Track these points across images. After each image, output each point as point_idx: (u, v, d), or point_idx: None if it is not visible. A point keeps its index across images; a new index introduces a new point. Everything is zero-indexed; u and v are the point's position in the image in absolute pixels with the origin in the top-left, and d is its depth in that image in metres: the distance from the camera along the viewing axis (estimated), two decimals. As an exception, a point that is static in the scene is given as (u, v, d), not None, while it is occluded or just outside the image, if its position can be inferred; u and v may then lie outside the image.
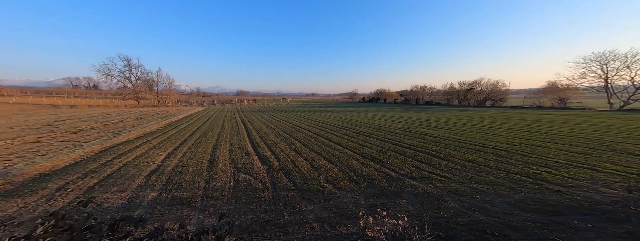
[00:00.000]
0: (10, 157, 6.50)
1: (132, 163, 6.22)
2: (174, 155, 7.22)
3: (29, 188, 4.47)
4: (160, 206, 3.72)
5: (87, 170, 5.60)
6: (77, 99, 52.73)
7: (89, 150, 7.66)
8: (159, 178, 5.03)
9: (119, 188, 4.46)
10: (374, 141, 9.08)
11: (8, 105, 27.81)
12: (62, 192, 4.29)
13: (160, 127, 14.17)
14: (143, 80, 46.14)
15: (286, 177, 5.12)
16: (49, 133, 10.62)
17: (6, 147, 7.85)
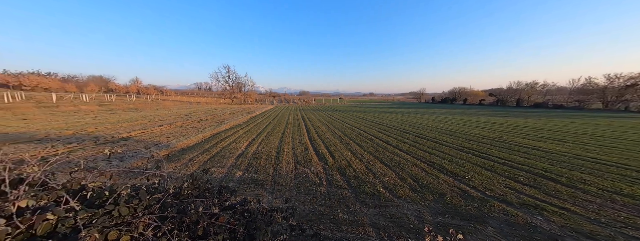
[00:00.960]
0: (169, 136, 9.62)
1: (227, 148, 8.03)
2: (252, 144, 8.81)
3: (176, 157, 6.57)
4: (243, 183, 4.73)
5: (203, 149, 7.65)
6: (200, 98, 70.60)
7: (205, 134, 10.35)
8: (243, 161, 6.34)
9: (219, 165, 5.94)
10: (446, 149, 7.53)
11: (169, 102, 40.22)
12: (191, 162, 6.10)
13: (244, 120, 17.34)
14: (235, 83, 58.07)
15: (340, 175, 5.14)
16: (186, 121, 14.93)
17: (167, 129, 11.60)
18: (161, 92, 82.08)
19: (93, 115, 16.37)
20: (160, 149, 7.22)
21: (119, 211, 1.21)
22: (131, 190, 1.48)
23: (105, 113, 17.61)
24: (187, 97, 67.41)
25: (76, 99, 28.48)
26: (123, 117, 15.51)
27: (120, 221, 1.17)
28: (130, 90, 70.69)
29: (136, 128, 10.97)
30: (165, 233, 1.18)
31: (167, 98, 51.21)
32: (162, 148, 7.34)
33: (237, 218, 1.46)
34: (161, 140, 8.57)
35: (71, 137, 8.35)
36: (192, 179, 1.79)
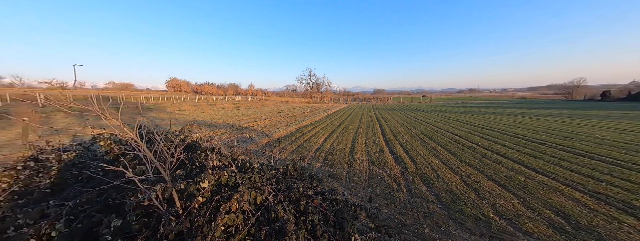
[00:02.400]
0: (269, 127, 12.40)
1: (308, 141, 9.19)
2: (328, 140, 9.53)
3: (272, 145, 8.38)
4: (322, 174, 5.25)
5: (291, 140, 9.22)
6: (288, 98, 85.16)
7: (292, 128, 12.41)
8: (321, 155, 7.03)
9: (302, 155, 6.93)
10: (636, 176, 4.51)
11: (269, 101, 51.72)
12: (283, 150, 7.55)
13: (321, 118, 19.05)
14: (315, 84, 65.52)
15: (425, 185, 4.49)
16: (279, 116, 18.61)
17: (268, 122, 15.00)
18: (264, 93, 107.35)
19: (230, 110, 24.24)
20: (265, 137, 9.49)
21: (254, 178, 1.71)
22: (259, 165, 2.05)
23: (236, 110, 25.48)
24: (279, 97, 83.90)
25: (222, 100, 43.37)
26: (244, 112, 21.79)
27: (255, 186, 1.67)
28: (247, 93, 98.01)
29: (251, 121, 15.05)
30: (280, 202, 1.54)
31: (267, 99, 66.24)
32: (266, 137, 9.60)
33: (327, 204, 1.64)
34: (265, 130, 11.23)
35: (221, 125, 12.83)
36: (293, 164, 2.20)
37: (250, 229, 1.35)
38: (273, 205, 1.50)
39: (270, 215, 1.44)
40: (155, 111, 20.31)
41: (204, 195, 1.52)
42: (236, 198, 1.40)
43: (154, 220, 1.44)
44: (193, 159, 2.15)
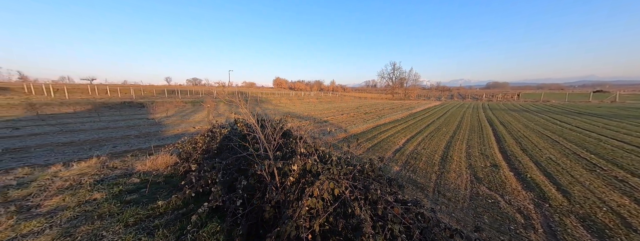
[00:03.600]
0: (346, 123, 12.79)
1: (386, 140, 8.49)
2: (411, 141, 8.30)
3: (348, 140, 8.55)
4: (401, 179, 4.70)
5: (367, 137, 8.95)
6: (366, 94, 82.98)
7: (369, 125, 12.01)
8: (400, 157, 6.27)
9: (380, 155, 6.52)
10: None
11: (347, 97, 53.27)
12: (359, 146, 7.51)
13: (402, 116, 16.90)
14: (398, 79, 58.43)
15: (588, 231, 2.84)
16: (356, 112, 18.65)
17: (345, 118, 15.50)
18: (343, 89, 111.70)
19: (314, 105, 27.55)
20: (342, 132, 9.91)
21: (333, 170, 1.81)
22: (337, 158, 2.14)
23: (318, 104, 28.55)
24: (357, 93, 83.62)
25: (308, 95, 50.10)
26: (325, 107, 23.91)
27: (333, 177, 1.76)
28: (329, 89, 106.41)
29: (330, 115, 16.26)
30: (356, 199, 1.53)
31: (346, 94, 68.29)
32: (343, 132, 10.00)
33: (410, 217, 1.42)
34: (342, 125, 11.72)
35: (306, 117, 14.92)
36: (370, 163, 2.10)
37: (328, 217, 1.45)
38: (349, 200, 1.51)
39: (346, 209, 1.47)
40: (266, 103, 27.19)
41: (294, 176, 1.82)
42: (317, 185, 1.55)
43: (263, 186, 1.94)
44: (287, 144, 2.64)
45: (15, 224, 1.87)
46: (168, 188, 2.78)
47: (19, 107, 12.74)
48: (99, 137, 7.62)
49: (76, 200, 2.34)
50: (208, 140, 3.57)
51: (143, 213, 2.09)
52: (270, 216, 1.79)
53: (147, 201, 2.35)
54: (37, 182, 2.78)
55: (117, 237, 1.74)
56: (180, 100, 21.71)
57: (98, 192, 2.53)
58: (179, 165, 3.36)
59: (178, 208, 2.23)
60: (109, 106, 16.47)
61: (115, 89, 27.15)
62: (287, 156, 2.24)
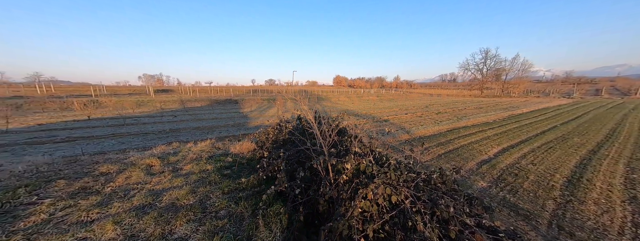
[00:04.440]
0: (411, 123, 11.26)
1: (466, 147, 6.76)
2: (509, 152, 6.19)
3: (412, 143, 7.47)
4: (490, 199, 3.62)
5: (438, 141, 7.49)
6: (440, 90, 69.39)
7: (442, 127, 9.99)
8: (490, 171, 4.82)
9: (454, 164, 5.29)
10: None
11: (414, 94, 46.81)
12: (426, 151, 6.42)
13: (497, 118, 12.83)
14: (493, 70, 43.97)
15: None
16: (425, 112, 16.00)
17: (410, 117, 13.67)
18: (410, 85, 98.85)
19: (373, 102, 26.14)
20: (405, 133, 8.83)
21: (390, 174, 1.64)
22: (396, 162, 1.92)
23: (378, 102, 26.80)
24: (428, 90, 71.37)
25: (368, 93, 47.99)
26: (386, 105, 22.11)
27: (390, 183, 1.59)
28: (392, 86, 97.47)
29: (391, 114, 14.86)
30: (419, 212, 1.31)
31: (412, 91, 60.06)
32: (406, 133, 8.90)
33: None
34: (405, 126, 10.43)
35: (364, 115, 14.40)
36: (440, 172, 1.74)
37: (384, 224, 1.34)
38: (410, 211, 1.32)
39: (405, 221, 1.30)
40: (325, 101, 28.57)
41: (347, 174, 1.80)
42: (371, 187, 1.46)
43: (318, 180, 2.05)
44: (342, 142, 2.65)
45: (171, 178, 2.99)
46: (249, 169, 3.51)
47: (176, 102, 20.06)
48: (211, 125, 10.73)
49: (198, 168, 3.43)
50: (276, 132, 4.20)
51: (232, 185, 2.76)
52: (324, 210, 1.87)
53: (235, 177, 3.09)
54: (181, 153, 4.30)
55: (217, 200, 2.40)
56: (260, 98, 26.77)
57: (209, 165, 3.58)
58: (256, 151, 4.17)
59: (254, 186, 2.77)
60: (218, 102, 22.73)
61: (222, 89, 37.36)
62: (342, 154, 2.25)
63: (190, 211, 2.13)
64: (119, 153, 4.59)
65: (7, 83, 29.56)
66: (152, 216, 2.01)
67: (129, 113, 13.59)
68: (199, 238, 1.72)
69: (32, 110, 12.98)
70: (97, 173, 3.03)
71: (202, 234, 1.77)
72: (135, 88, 34.81)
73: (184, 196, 2.44)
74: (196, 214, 2.10)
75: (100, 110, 14.47)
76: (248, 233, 1.78)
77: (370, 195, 1.43)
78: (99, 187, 2.63)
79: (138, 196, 2.42)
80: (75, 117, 11.59)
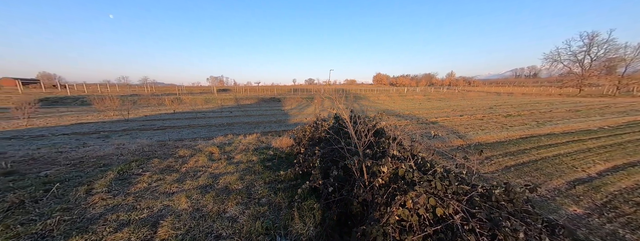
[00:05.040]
0: (467, 127, 9.56)
1: (551, 161, 5.24)
2: (625, 171, 4.45)
3: (467, 150, 6.31)
4: (587, 230, 2.70)
5: (507, 151, 6.08)
6: (514, 88, 55.94)
7: (512, 134, 8.06)
8: (591, 193, 3.59)
9: (532, 179, 4.19)
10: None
11: (473, 93, 39.57)
12: (488, 161, 5.33)
13: (606, 125, 9.37)
14: (603, 61, 31.93)
15: None
16: (488, 114, 13.26)
17: (466, 120, 11.63)
18: (469, 82, 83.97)
19: (418, 102, 23.52)
20: (458, 138, 7.59)
21: (435, 184, 1.45)
22: (443, 170, 1.68)
23: (425, 102, 23.96)
24: (495, 87, 58.70)
25: (413, 91, 43.49)
26: (434, 105, 19.54)
27: (435, 193, 1.41)
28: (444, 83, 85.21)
29: (441, 115, 13.02)
30: (473, 231, 1.11)
31: (472, 89, 50.81)
32: (459, 138, 7.63)
33: None
34: (459, 129, 8.94)
35: (407, 116, 13.15)
36: (506, 188, 1.42)
37: (426, 238, 1.20)
38: (460, 228, 1.13)
39: (454, 239, 1.12)
40: (363, 100, 27.62)
41: (383, 178, 1.70)
42: (411, 195, 1.32)
43: (352, 181, 2.02)
44: (379, 143, 2.51)
45: (226, 165, 3.54)
46: (287, 163, 3.79)
47: (232, 100, 23.50)
48: (258, 120, 12.06)
49: (246, 158, 3.93)
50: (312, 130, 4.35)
51: (272, 177, 3.04)
52: (358, 212, 1.83)
53: (275, 169, 3.39)
54: (234, 144, 5.03)
55: (260, 189, 2.69)
56: (299, 97, 28.27)
57: (254, 156, 4.05)
58: (294, 147, 4.44)
59: (291, 179, 2.97)
60: (264, 100, 25.31)
61: (267, 89, 41.51)
62: (378, 156, 2.13)
63: (238, 195, 2.47)
64: (191, 141, 5.75)
65: (128, 85, 41.68)
66: (212, 195, 2.44)
67: (199, 109, 16.79)
68: (244, 220, 1.98)
69: (142, 105, 17.75)
70: (177, 156, 3.90)
71: (247, 217, 2.03)
72: (204, 88, 42.67)
73: (234, 182, 2.85)
74: (243, 198, 2.42)
75: (181, 105, 18.44)
76: (285, 222, 1.92)
77: (410, 203, 1.31)
78: (178, 167, 3.38)
79: (203, 177, 2.97)
80: (166, 110, 15.17)
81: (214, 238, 1.75)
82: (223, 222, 1.94)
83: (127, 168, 3.15)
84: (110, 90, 29.20)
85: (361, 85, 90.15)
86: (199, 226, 1.88)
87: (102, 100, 13.05)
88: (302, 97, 28.10)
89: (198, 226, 1.89)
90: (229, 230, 1.84)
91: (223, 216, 2.06)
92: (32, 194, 2.31)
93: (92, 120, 10.95)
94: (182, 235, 1.77)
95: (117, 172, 2.99)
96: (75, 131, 8.32)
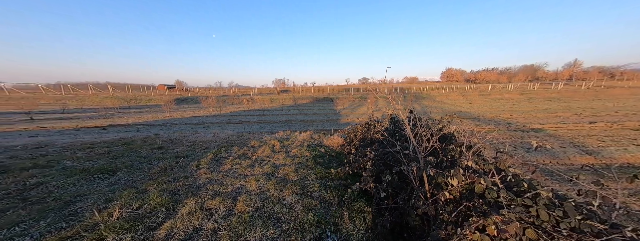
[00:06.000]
0: (603, 140, 6.43)
1: None
2: None
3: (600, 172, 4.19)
4: None
5: (700, 184, 3.64)
6: None
7: None
8: None
9: None
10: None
11: (617, 90, 26.24)
12: None
13: None
14: None
15: None
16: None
17: (603, 128, 7.83)
18: (611, 75, 56.17)
19: (510, 102, 17.93)
20: (583, 154, 5.25)
21: (537, 211, 1.07)
22: (553, 195, 1.22)
23: (523, 102, 17.99)
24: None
25: (503, 88, 33.58)
26: (539, 107, 14.34)
27: (538, 224, 1.04)
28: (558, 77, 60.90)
29: (552, 121, 9.38)
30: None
31: (615, 85, 33.73)
32: (586, 154, 5.26)
33: None
34: (586, 142, 6.17)
35: (490, 120, 10.32)
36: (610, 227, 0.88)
37: None
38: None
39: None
40: (426, 99, 23.99)
41: (451, 192, 1.43)
42: (494, 220, 1.04)
43: (409, 189, 1.82)
44: (446, 150, 2.11)
45: (284, 157, 4.02)
46: (337, 161, 3.86)
47: (291, 100, 26.27)
48: (311, 119, 12.90)
49: (301, 153, 4.31)
50: (364, 130, 4.20)
51: (323, 173, 3.19)
52: (416, 225, 1.63)
53: (326, 166, 3.53)
54: (291, 139, 5.62)
55: (312, 183, 2.89)
56: (351, 96, 27.97)
57: (308, 152, 4.37)
58: (344, 147, 4.45)
59: (341, 178, 3.01)
60: (318, 100, 26.76)
61: (321, 89, 43.69)
62: (444, 165, 1.80)
63: (294, 186, 2.75)
64: (259, 134, 6.89)
65: (221, 88, 55.20)
66: (273, 182, 2.84)
67: (265, 107, 19.80)
68: (299, 209, 2.19)
69: (228, 104, 22.87)
70: (249, 145, 4.78)
71: (302, 207, 2.23)
72: (270, 90, 50.00)
73: (291, 173, 3.19)
74: (298, 189, 2.68)
75: (253, 104, 22.36)
76: (334, 219, 1.98)
77: (492, 229, 1.03)
78: (250, 155, 4.14)
79: (267, 166, 3.51)
80: (243, 108, 18.85)
81: (274, 220, 2.04)
82: (281, 207, 2.22)
83: (219, 152, 4.16)
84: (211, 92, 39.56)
85: (424, 83, 78.39)
86: (264, 207, 2.25)
87: (205, 100, 17.88)
88: (355, 97, 27.62)
89: (263, 206, 2.26)
90: (286, 215, 2.09)
91: (282, 202, 2.36)
92: (170, 164, 3.47)
93: (200, 114, 15.12)
94: (252, 211, 2.16)
95: (213, 154, 4.00)
96: (191, 122, 11.78)
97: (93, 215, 2.01)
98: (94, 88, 31.40)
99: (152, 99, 25.03)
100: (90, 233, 1.74)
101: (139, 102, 23.97)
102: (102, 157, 3.72)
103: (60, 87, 29.13)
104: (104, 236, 1.71)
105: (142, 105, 22.19)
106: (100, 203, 2.23)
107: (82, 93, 27.61)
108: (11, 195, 2.34)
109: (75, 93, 26.90)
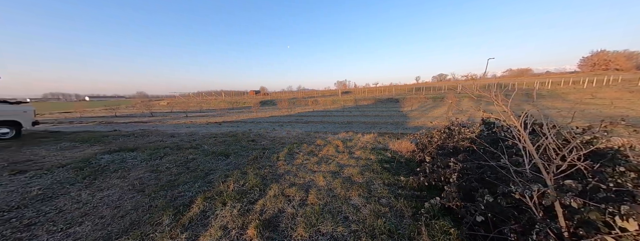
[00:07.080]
0: None
1: None
2: None
3: None
4: None
5: None
6: None
7: None
8: None
9: None
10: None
11: None
12: None
13: None
14: None
15: None
16: None
17: None
18: None
19: None
20: None
21: None
22: None
23: None
24: None
25: None
26: None
27: None
28: None
29: None
30: None
31: None
32: None
33: None
34: None
35: None
36: None
37: None
38: None
39: None
40: (549, 99, 16.96)
41: (619, 238, 0.92)
42: None
43: (525, 219, 1.35)
44: (602, 173, 1.38)
45: (348, 158, 4.07)
46: (406, 169, 3.46)
47: (352, 101, 26.22)
48: (374, 121, 12.28)
49: (364, 155, 4.20)
50: (444, 136, 3.50)
51: (391, 180, 2.95)
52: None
53: (394, 172, 3.25)
54: (353, 141, 5.60)
55: (379, 187, 2.75)
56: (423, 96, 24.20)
57: (372, 155, 4.19)
58: (416, 153, 3.91)
59: (413, 189, 2.67)
60: (381, 101, 25.15)
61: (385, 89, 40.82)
62: (598, 195, 1.19)
63: (360, 188, 2.72)
64: (323, 133, 7.34)
65: (291, 91, 64.19)
66: (339, 181, 2.94)
67: (328, 109, 20.84)
68: (367, 213, 2.14)
69: (297, 105, 25.91)
70: (316, 144, 5.20)
71: (370, 211, 2.18)
72: (332, 92, 52.43)
73: (355, 175, 3.18)
74: (364, 192, 2.63)
75: (317, 106, 24.12)
76: (409, 234, 1.79)
77: None
78: (317, 152, 4.49)
79: (332, 164, 3.68)
80: (309, 109, 20.74)
81: (343, 218, 2.10)
82: (349, 207, 2.26)
83: (292, 148, 4.80)
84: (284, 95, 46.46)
85: (543, 75, 55.46)
86: (332, 203, 2.37)
87: (280, 102, 21.19)
88: (427, 97, 23.70)
89: (331, 202, 2.39)
90: (354, 216, 2.10)
91: (348, 202, 2.39)
92: (259, 154, 4.35)
93: (276, 114, 18.03)
94: (322, 205, 2.33)
95: (288, 149, 4.66)
96: (270, 120, 14.28)
97: (219, 184, 2.86)
98: (214, 95, 45.47)
99: (246, 102, 32.52)
100: (219, 197, 2.49)
101: (238, 104, 31.80)
102: (221, 145, 5.23)
103: (198, 94, 44.67)
104: (226, 202, 2.39)
105: (239, 106, 29.33)
106: (222, 177, 3.14)
107: (209, 98, 40.17)
108: (182, 164, 3.74)
109: (206, 99, 39.56)
